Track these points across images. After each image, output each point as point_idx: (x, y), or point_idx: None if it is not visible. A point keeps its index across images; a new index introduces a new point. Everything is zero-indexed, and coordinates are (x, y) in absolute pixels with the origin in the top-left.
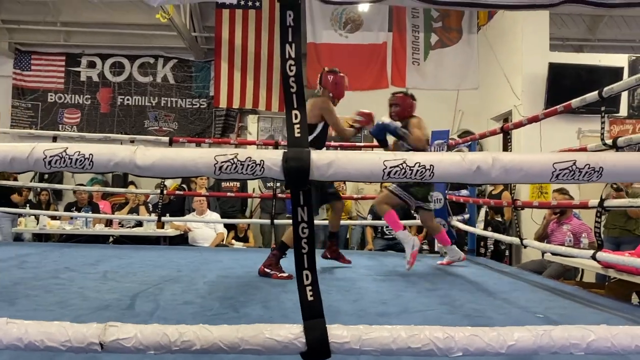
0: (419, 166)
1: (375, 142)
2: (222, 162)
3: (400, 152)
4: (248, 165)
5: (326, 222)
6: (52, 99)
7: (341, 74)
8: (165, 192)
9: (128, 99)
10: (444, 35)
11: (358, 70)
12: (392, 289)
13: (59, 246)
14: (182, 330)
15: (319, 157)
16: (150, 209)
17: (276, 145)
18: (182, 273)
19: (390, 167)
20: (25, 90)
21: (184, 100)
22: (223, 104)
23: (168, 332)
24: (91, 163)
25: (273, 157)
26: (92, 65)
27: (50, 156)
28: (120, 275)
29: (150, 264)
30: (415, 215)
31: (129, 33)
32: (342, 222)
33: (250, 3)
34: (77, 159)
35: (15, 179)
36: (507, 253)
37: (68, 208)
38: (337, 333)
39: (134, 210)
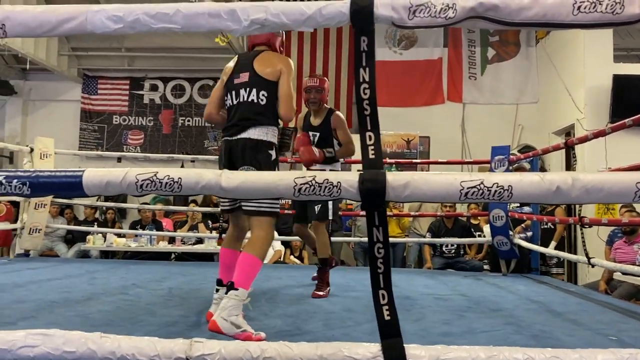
0: (497, 187)
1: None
2: (300, 184)
3: (475, 172)
4: (325, 187)
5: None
6: (117, 121)
7: None
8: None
9: (189, 120)
10: (501, 49)
11: (413, 86)
12: (454, 308)
13: (125, 263)
14: (263, 347)
15: (395, 178)
16: (210, 226)
17: None
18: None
19: (468, 188)
20: (92, 114)
21: None
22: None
23: (250, 349)
24: (180, 186)
25: (349, 179)
26: (154, 88)
27: (142, 180)
28: (185, 291)
29: (213, 280)
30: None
31: (189, 57)
32: (400, 240)
33: None
34: (167, 183)
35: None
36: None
37: (133, 226)
38: (415, 353)
39: (194, 228)
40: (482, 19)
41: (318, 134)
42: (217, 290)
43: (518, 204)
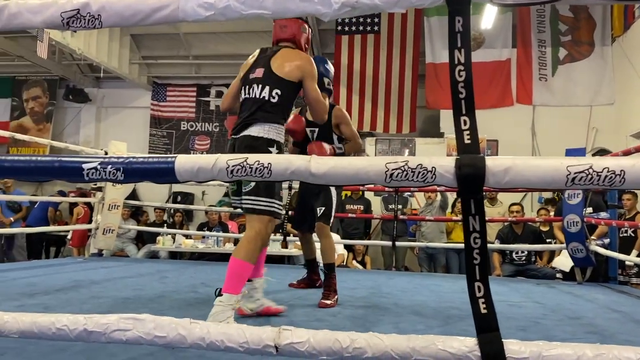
0: (608, 171)
1: None
2: (392, 169)
3: (578, 156)
4: (419, 172)
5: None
6: (184, 127)
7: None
8: (290, 213)
9: None
10: (574, 49)
11: (480, 88)
12: (529, 315)
13: (193, 263)
14: (353, 337)
15: (495, 163)
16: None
17: None
18: (309, 291)
19: (575, 173)
20: (161, 120)
21: None
22: None
23: (339, 339)
24: (269, 172)
25: (445, 164)
26: (220, 94)
27: (233, 165)
28: None
29: (278, 282)
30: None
31: None
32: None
33: (369, 28)
34: (257, 168)
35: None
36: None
37: (200, 228)
38: (514, 348)
39: None
40: None
41: (317, 130)
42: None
43: (592, 210)
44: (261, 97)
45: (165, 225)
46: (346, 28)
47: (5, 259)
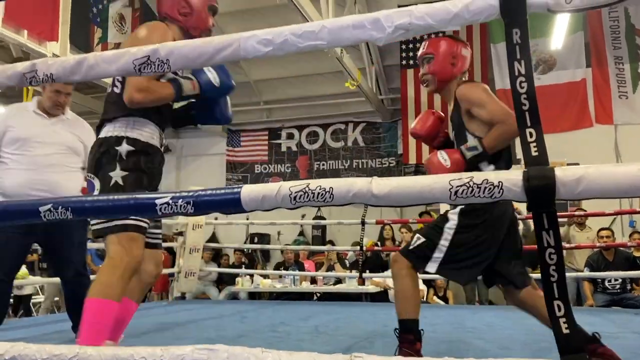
0: None
1: None
2: (457, 186)
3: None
4: (485, 187)
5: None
6: (258, 170)
7: None
8: (364, 248)
9: (323, 164)
10: None
11: (556, 111)
12: (630, 347)
13: (271, 303)
14: None
15: (565, 174)
16: (347, 266)
17: None
18: (388, 328)
19: None
20: (236, 165)
21: (374, 160)
22: (412, 159)
23: None
24: (331, 196)
25: (512, 178)
26: (290, 136)
27: (295, 192)
28: (330, 329)
29: (356, 319)
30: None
31: (322, 104)
32: None
33: None
34: (318, 193)
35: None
36: None
37: (277, 267)
38: None
39: (331, 269)
40: None
41: (452, 127)
42: None
43: None
44: (109, 90)
45: (243, 266)
46: (411, 62)
47: None
